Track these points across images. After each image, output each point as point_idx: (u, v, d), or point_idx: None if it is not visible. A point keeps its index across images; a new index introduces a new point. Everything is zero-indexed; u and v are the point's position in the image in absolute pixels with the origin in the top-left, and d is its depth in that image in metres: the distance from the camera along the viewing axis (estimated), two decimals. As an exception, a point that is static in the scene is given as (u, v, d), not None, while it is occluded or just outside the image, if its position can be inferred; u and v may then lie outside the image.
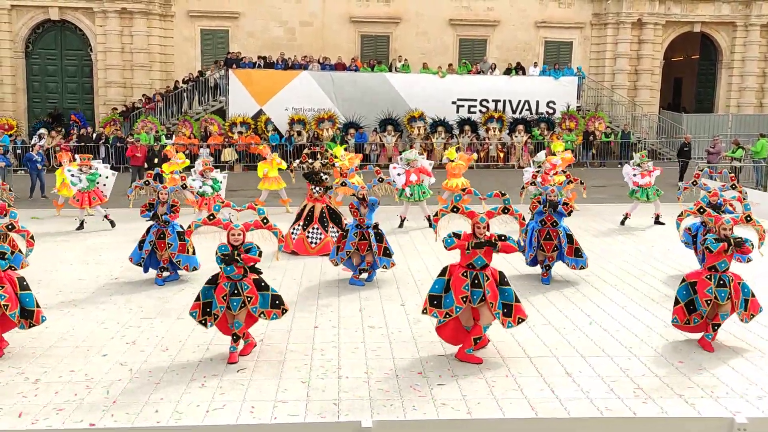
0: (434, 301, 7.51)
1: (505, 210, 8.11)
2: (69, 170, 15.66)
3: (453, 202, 8.06)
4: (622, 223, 15.55)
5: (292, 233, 12.63)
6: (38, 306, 7.78)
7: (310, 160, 15.07)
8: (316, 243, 12.50)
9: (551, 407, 6.41)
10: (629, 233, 14.82)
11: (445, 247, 7.50)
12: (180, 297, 9.85)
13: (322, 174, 12.97)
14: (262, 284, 7.60)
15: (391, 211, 16.25)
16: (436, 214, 8.31)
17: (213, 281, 7.56)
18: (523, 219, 8.44)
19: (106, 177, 15.91)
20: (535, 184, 12.03)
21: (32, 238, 10.20)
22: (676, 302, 8.00)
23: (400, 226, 15.22)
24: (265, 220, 7.94)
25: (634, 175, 15.64)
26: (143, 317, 8.97)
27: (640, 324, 8.75)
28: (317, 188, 12.63)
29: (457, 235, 7.45)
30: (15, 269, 8.13)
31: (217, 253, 7.44)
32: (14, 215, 9.48)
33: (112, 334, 8.34)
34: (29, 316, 7.63)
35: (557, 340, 8.15)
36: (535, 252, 10.67)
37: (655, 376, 7.10)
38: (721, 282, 7.69)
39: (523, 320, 7.53)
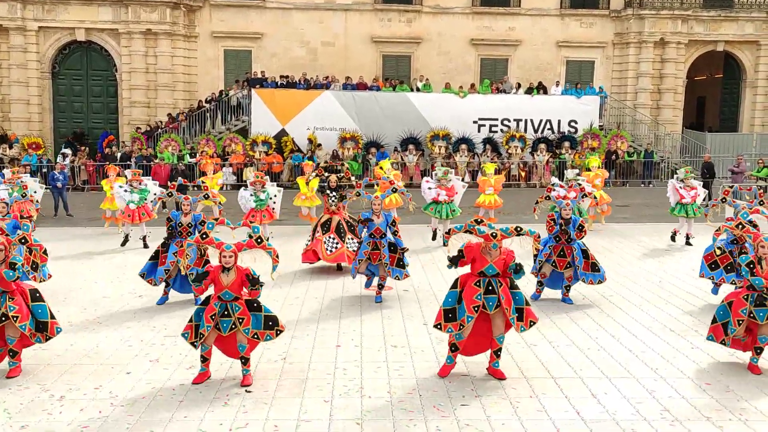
0: (449, 314, 7.49)
1: (519, 230, 7.85)
2: (120, 185, 15.72)
3: (466, 226, 7.99)
4: (673, 239, 15.41)
5: (329, 245, 12.53)
6: (53, 317, 7.74)
7: (326, 174, 15.14)
8: (332, 251, 12.39)
9: (576, 429, 6.34)
10: (654, 253, 14.68)
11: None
12: (203, 315, 9.88)
13: (338, 187, 13.03)
14: (255, 305, 7.44)
15: (418, 229, 16.25)
16: (449, 232, 8.24)
17: (206, 302, 7.42)
18: (539, 237, 8.29)
19: (154, 194, 16.03)
20: (549, 198, 11.89)
21: (45, 252, 10.21)
22: (714, 320, 7.87)
23: (433, 238, 15.24)
24: (258, 240, 7.64)
25: (680, 187, 15.41)
26: (167, 335, 9.00)
27: (666, 345, 8.64)
28: (332, 200, 12.72)
29: (459, 256, 7.61)
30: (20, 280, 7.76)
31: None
32: (27, 228, 9.36)
33: (136, 352, 8.38)
34: (43, 328, 7.60)
35: (582, 360, 8.07)
36: (542, 264, 10.47)
37: (682, 398, 7.00)
38: (759, 301, 7.52)
39: (534, 323, 7.54)
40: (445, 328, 7.52)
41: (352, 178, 16.21)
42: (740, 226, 9.46)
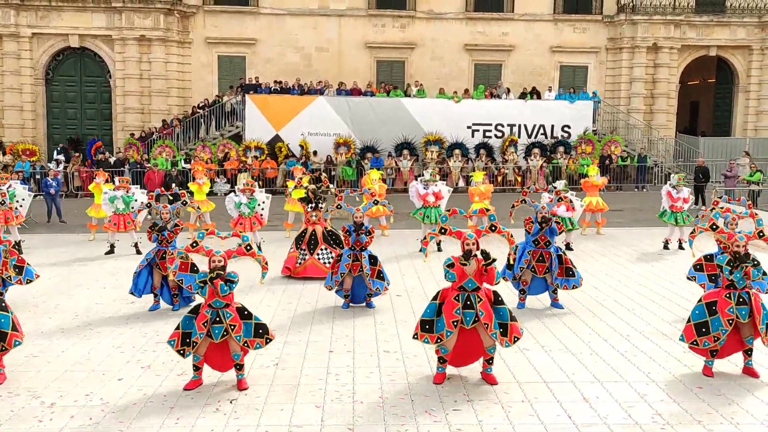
0: (426, 325, 7.49)
1: (493, 228, 7.96)
2: (108, 190, 15.61)
3: (440, 223, 8.03)
4: (666, 247, 15.38)
5: (299, 258, 12.52)
6: (15, 329, 7.54)
7: (306, 184, 15.09)
8: (329, 262, 12.26)
9: (568, 433, 6.35)
10: (647, 258, 14.70)
11: (447, 279, 7.44)
12: (195, 321, 9.85)
13: (318, 197, 12.89)
14: (246, 312, 7.40)
15: (407, 235, 16.26)
16: (425, 237, 8.29)
17: (195, 311, 7.40)
18: (512, 236, 8.31)
19: (141, 202, 15.93)
20: (525, 202, 11.86)
21: (14, 247, 10.04)
22: (688, 320, 7.84)
23: (422, 250, 15.15)
24: (248, 247, 7.65)
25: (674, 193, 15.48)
26: (158, 341, 8.97)
27: (658, 349, 8.65)
28: (313, 211, 12.58)
29: (451, 265, 7.40)
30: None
31: (197, 281, 7.32)
32: None
33: (128, 359, 8.36)
34: (2, 338, 7.41)
35: (574, 364, 8.07)
36: (522, 272, 10.41)
37: (674, 402, 7.00)
38: (741, 299, 7.54)
39: (518, 339, 7.49)
40: (421, 338, 7.53)
41: (331, 187, 16.17)
42: (713, 227, 9.42)
